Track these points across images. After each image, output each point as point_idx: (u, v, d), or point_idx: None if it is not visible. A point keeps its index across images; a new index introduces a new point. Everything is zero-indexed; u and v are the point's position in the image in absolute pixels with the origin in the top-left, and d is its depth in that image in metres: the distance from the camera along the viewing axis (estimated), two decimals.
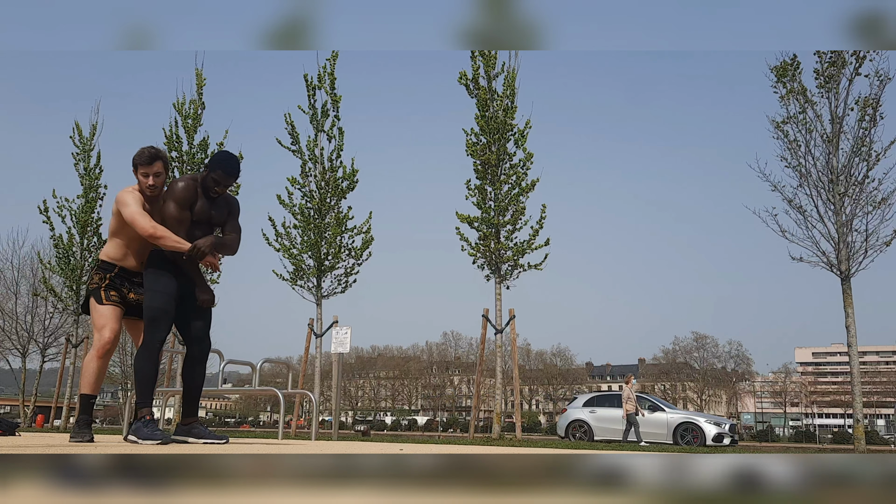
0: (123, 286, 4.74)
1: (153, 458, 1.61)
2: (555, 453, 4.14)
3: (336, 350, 10.46)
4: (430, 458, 1.11)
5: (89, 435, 4.51)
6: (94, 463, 1.22)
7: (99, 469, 1.19)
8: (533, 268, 13.61)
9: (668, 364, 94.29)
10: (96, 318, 4.62)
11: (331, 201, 14.65)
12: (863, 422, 11.74)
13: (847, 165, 12.05)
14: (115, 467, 1.20)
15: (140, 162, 4.57)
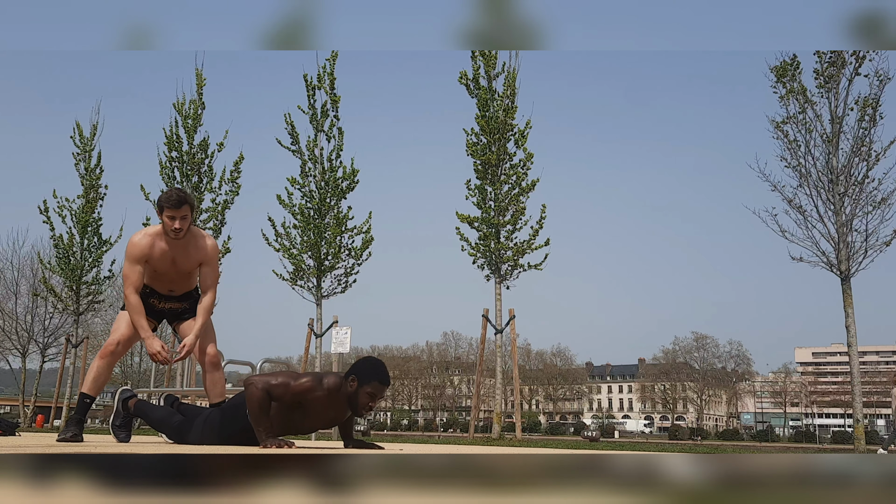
0: (151, 298, 4.74)
1: (148, 457, 1.61)
2: (555, 453, 4.14)
3: (336, 350, 10.46)
4: (430, 458, 1.11)
5: (72, 432, 4.37)
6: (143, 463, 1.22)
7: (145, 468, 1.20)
8: (533, 268, 13.61)
9: (668, 364, 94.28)
10: (115, 322, 4.72)
11: (331, 201, 14.64)
12: (863, 422, 11.73)
13: (847, 165, 12.05)
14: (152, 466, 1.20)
15: (168, 205, 4.45)
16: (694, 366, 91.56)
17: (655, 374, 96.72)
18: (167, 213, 4.45)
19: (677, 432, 67.49)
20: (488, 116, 13.76)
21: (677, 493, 0.96)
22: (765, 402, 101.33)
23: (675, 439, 62.07)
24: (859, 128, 12.09)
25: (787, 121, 12.56)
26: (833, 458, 1.26)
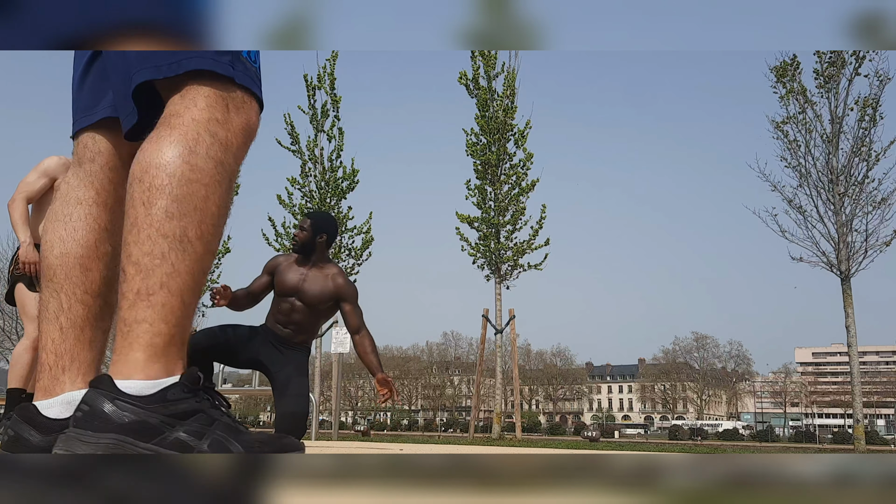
0: None
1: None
2: (555, 453, 4.14)
3: (336, 350, 10.46)
4: (430, 458, 1.11)
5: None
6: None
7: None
8: (533, 268, 13.61)
9: (668, 364, 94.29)
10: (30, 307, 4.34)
11: (331, 201, 14.65)
12: (863, 422, 11.74)
13: (847, 165, 12.05)
14: None
15: None
16: (694, 366, 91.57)
17: (655, 374, 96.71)
18: None
19: (677, 432, 67.55)
20: (488, 116, 13.76)
21: (677, 493, 0.96)
22: (765, 402, 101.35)
23: (674, 439, 62.13)
24: (859, 128, 12.10)
25: (787, 121, 12.57)
26: (833, 458, 1.26)
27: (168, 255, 1.04)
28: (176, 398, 1.03)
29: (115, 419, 0.98)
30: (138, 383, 1.01)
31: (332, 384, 15.38)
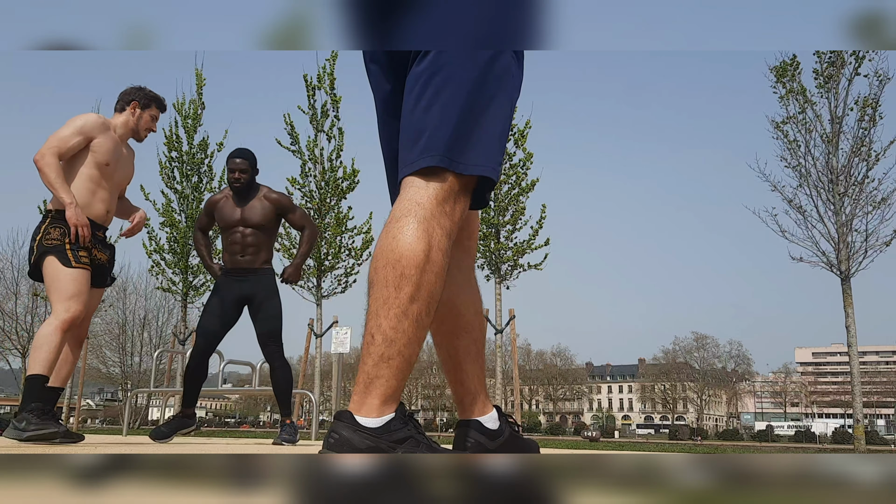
0: (92, 244, 3.85)
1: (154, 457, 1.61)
2: (553, 453, 4.14)
3: (336, 350, 10.46)
4: (430, 459, 1.12)
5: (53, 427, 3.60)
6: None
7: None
8: (533, 268, 13.62)
9: (668, 364, 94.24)
10: (63, 284, 3.62)
11: (331, 201, 14.64)
12: (863, 422, 11.74)
13: (847, 165, 12.05)
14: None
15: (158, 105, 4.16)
16: (694, 366, 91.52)
17: (655, 374, 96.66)
18: (151, 112, 4.18)
19: (677, 432, 67.53)
20: None
21: (677, 493, 0.96)
22: (765, 402, 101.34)
23: (675, 439, 62.11)
24: (859, 128, 12.09)
25: (786, 121, 12.57)
26: (833, 458, 1.26)
27: (407, 331, 1.35)
28: (396, 428, 1.35)
29: (359, 446, 1.31)
30: (373, 420, 1.34)
31: (332, 384, 15.35)
